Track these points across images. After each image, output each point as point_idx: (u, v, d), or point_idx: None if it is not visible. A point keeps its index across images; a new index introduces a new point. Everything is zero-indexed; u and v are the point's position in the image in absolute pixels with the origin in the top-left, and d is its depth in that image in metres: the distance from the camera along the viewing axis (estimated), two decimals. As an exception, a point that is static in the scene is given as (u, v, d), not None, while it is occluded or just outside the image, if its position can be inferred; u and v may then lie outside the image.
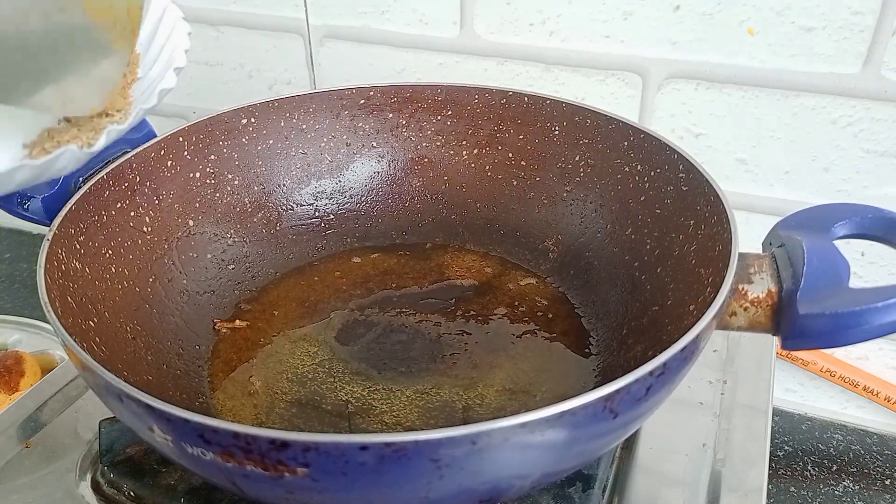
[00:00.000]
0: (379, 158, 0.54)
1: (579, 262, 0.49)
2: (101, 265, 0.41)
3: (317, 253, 0.53)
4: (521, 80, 0.59)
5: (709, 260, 0.38)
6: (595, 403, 0.27)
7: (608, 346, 0.44)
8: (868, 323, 0.32)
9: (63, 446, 0.43)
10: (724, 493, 0.40)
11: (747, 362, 0.49)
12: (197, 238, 0.48)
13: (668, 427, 0.44)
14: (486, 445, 0.26)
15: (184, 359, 0.43)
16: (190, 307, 0.46)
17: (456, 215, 0.54)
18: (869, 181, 0.53)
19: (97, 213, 0.42)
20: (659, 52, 0.54)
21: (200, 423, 0.27)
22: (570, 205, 0.50)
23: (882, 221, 0.37)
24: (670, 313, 0.39)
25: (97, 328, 0.37)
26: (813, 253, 0.34)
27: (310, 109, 0.53)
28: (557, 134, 0.50)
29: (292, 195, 0.53)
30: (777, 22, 0.51)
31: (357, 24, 0.62)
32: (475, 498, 0.30)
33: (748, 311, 0.35)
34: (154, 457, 0.40)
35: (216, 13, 0.66)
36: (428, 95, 0.53)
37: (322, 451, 0.26)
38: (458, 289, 0.49)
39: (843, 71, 0.51)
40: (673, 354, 0.29)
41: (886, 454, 0.58)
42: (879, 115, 0.51)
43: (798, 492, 0.54)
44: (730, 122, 0.55)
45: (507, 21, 0.57)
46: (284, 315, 0.48)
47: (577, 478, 0.38)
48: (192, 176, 0.49)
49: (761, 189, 0.56)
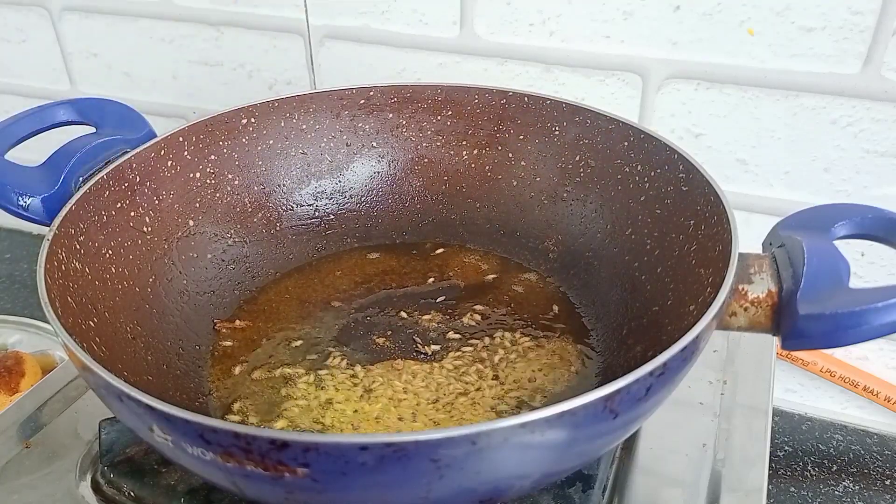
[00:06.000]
0: (379, 158, 0.54)
1: (579, 262, 0.49)
2: (101, 265, 0.41)
3: (317, 253, 0.53)
4: (521, 80, 0.59)
5: (709, 260, 0.38)
6: (595, 403, 0.27)
7: (608, 346, 0.44)
8: (868, 323, 0.32)
9: (63, 446, 0.43)
10: (724, 494, 0.40)
11: (747, 362, 0.49)
12: (197, 238, 0.48)
13: (668, 427, 0.44)
14: (486, 445, 0.26)
15: (184, 359, 0.43)
16: (190, 307, 0.46)
17: (456, 215, 0.54)
18: (869, 181, 0.53)
19: (97, 213, 0.42)
20: (659, 52, 0.54)
21: (200, 423, 0.27)
22: (570, 205, 0.50)
23: (882, 221, 0.37)
24: (670, 313, 0.39)
25: (97, 328, 0.37)
26: (813, 253, 0.34)
27: (310, 109, 0.53)
28: (557, 134, 0.50)
29: (292, 195, 0.53)
30: (777, 22, 0.51)
31: (357, 24, 0.62)
32: (475, 498, 0.30)
33: (748, 312, 0.35)
34: (154, 457, 0.40)
35: (216, 13, 0.66)
36: (428, 95, 0.53)
37: (322, 451, 0.26)
38: (458, 289, 0.49)
39: (843, 71, 0.51)
40: (673, 355, 0.29)
41: (886, 454, 0.58)
42: (879, 116, 0.51)
43: (798, 492, 0.54)
44: (730, 122, 0.55)
45: (507, 21, 0.57)
46: (284, 315, 0.48)
47: (577, 478, 0.38)
48: (192, 176, 0.48)
49: (761, 189, 0.56)
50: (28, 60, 0.76)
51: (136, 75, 0.73)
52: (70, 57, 0.74)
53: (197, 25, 0.67)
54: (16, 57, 0.76)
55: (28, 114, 0.47)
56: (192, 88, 0.71)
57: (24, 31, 0.75)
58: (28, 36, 0.75)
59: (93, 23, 0.71)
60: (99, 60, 0.73)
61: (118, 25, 0.70)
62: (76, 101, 0.48)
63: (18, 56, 0.76)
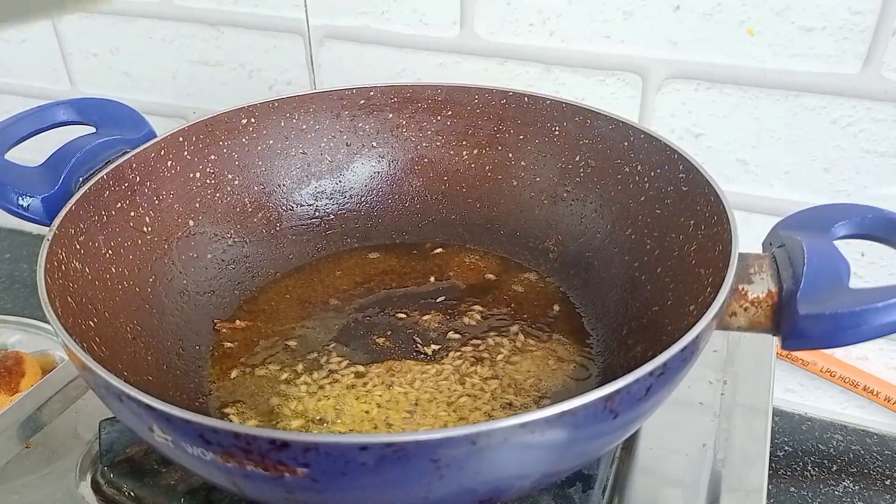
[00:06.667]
0: (379, 158, 0.54)
1: (579, 262, 0.49)
2: (101, 265, 0.41)
3: (317, 253, 0.53)
4: (521, 80, 0.59)
5: (709, 260, 0.38)
6: (595, 403, 0.27)
7: (608, 346, 0.44)
8: (868, 323, 0.32)
9: (63, 446, 0.43)
10: (724, 494, 0.40)
11: (747, 362, 0.49)
12: (197, 238, 0.48)
13: (668, 427, 0.44)
14: (487, 445, 0.26)
15: (184, 359, 0.43)
16: (190, 307, 0.46)
17: (456, 215, 0.54)
18: (869, 181, 0.53)
19: (97, 213, 0.42)
20: (659, 52, 0.54)
21: (200, 423, 0.27)
22: (570, 205, 0.50)
23: (882, 221, 0.37)
24: (670, 313, 0.39)
25: (97, 328, 0.37)
26: (813, 253, 0.34)
27: (310, 109, 0.53)
28: (557, 134, 0.50)
29: (292, 195, 0.53)
30: (777, 22, 0.51)
31: (357, 24, 0.62)
32: (475, 498, 0.30)
33: (748, 312, 0.35)
34: (154, 457, 0.40)
35: (216, 13, 0.66)
36: (428, 95, 0.53)
37: (322, 451, 0.26)
38: (458, 289, 0.49)
39: (843, 71, 0.51)
40: (673, 355, 0.29)
41: (886, 454, 0.58)
42: (879, 116, 0.51)
43: (798, 492, 0.54)
44: (730, 122, 0.55)
45: (507, 21, 0.57)
46: (285, 315, 0.48)
47: (577, 478, 0.38)
48: (192, 176, 0.48)
49: (761, 189, 0.56)
50: (28, 60, 0.76)
51: (136, 75, 0.73)
52: (70, 57, 0.74)
53: (197, 25, 0.67)
54: (16, 57, 0.76)
55: (28, 114, 0.47)
56: (192, 88, 0.71)
57: (24, 31, 0.74)
58: (28, 36, 0.75)
59: (93, 23, 0.71)
60: (99, 60, 0.73)
61: (118, 25, 0.70)
62: (76, 101, 0.48)
63: (18, 56, 0.76)
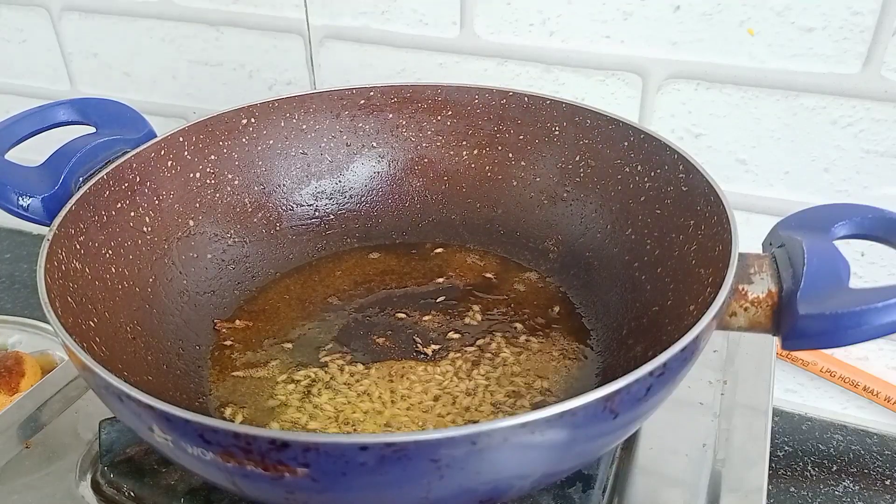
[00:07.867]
0: (379, 158, 0.54)
1: (579, 262, 0.49)
2: (101, 265, 0.41)
3: (317, 253, 0.53)
4: (521, 80, 0.59)
5: (709, 260, 0.38)
6: (595, 403, 0.27)
7: (608, 346, 0.44)
8: (868, 323, 0.32)
9: (63, 446, 0.43)
10: (724, 494, 0.40)
11: (747, 362, 0.49)
12: (197, 238, 0.48)
13: (668, 427, 0.44)
14: (487, 445, 0.26)
15: (184, 359, 0.43)
16: (190, 307, 0.46)
17: (456, 215, 0.54)
18: (869, 181, 0.53)
19: (97, 213, 0.42)
20: (659, 53, 0.54)
21: (200, 423, 0.27)
22: (570, 205, 0.50)
23: (882, 221, 0.37)
24: (670, 313, 0.39)
25: (97, 328, 0.37)
26: (813, 253, 0.34)
27: (310, 109, 0.53)
28: (557, 134, 0.50)
29: (292, 195, 0.53)
30: (777, 22, 0.51)
31: (357, 24, 0.62)
32: (475, 498, 0.30)
33: (748, 312, 0.35)
34: (154, 457, 0.40)
35: (216, 13, 0.66)
36: (428, 95, 0.53)
37: (322, 451, 0.26)
38: (458, 289, 0.49)
39: (843, 71, 0.51)
40: (673, 355, 0.29)
41: (886, 454, 0.58)
42: (879, 116, 0.51)
43: (798, 492, 0.54)
44: (730, 122, 0.55)
45: (507, 21, 0.57)
46: (285, 315, 0.48)
47: (577, 478, 0.38)
48: (192, 176, 0.48)
49: (761, 189, 0.56)
50: (28, 60, 0.76)
51: (136, 75, 0.73)
52: (70, 57, 0.74)
53: (197, 25, 0.67)
54: (16, 57, 0.77)
55: (28, 114, 0.47)
56: (192, 88, 0.71)
57: (24, 31, 0.75)
58: (28, 36, 0.75)
59: (93, 23, 0.71)
60: (99, 60, 0.73)
61: (118, 25, 0.70)
62: (76, 101, 0.48)
63: (18, 56, 0.76)
